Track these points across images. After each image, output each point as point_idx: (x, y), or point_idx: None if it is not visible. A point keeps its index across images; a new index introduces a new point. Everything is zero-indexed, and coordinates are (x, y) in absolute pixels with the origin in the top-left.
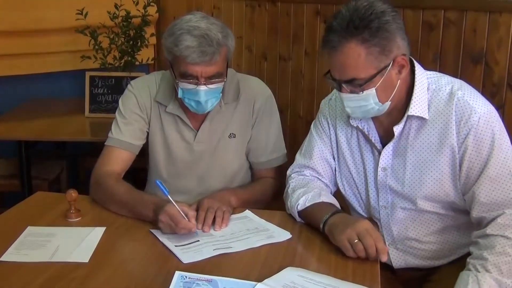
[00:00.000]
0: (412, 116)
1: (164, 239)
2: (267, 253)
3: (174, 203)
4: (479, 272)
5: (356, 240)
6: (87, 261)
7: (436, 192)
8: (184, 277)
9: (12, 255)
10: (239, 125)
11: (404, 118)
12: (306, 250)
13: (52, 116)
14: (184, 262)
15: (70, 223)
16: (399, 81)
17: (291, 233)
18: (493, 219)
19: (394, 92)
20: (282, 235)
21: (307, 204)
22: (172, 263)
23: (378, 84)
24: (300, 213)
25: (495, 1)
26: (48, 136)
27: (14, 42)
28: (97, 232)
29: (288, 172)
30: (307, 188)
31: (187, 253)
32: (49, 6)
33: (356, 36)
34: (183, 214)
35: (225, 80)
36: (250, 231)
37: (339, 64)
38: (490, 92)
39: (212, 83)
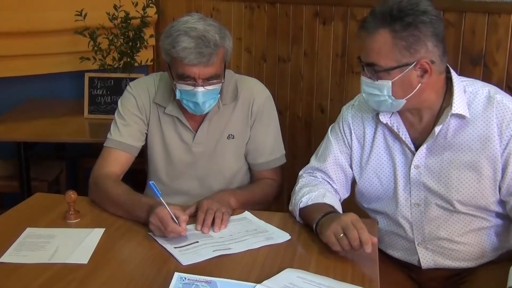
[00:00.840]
0: (453, 115)
1: (162, 240)
2: (266, 254)
3: (165, 206)
4: None
5: (341, 235)
6: (86, 262)
7: (474, 194)
8: (183, 278)
9: (11, 256)
10: (238, 126)
11: (447, 117)
12: (305, 251)
13: (51, 117)
14: (183, 263)
15: (69, 224)
16: (420, 84)
17: (290, 235)
18: None
19: (412, 93)
20: (281, 236)
21: (309, 203)
22: (171, 265)
23: (395, 78)
24: (301, 211)
25: (494, 2)
26: (47, 137)
27: (13, 43)
28: (96, 234)
29: (300, 172)
30: (314, 187)
31: (186, 254)
32: (48, 7)
33: (389, 25)
34: (174, 217)
35: (222, 81)
36: (249, 232)
37: (367, 46)
38: None
39: (209, 84)
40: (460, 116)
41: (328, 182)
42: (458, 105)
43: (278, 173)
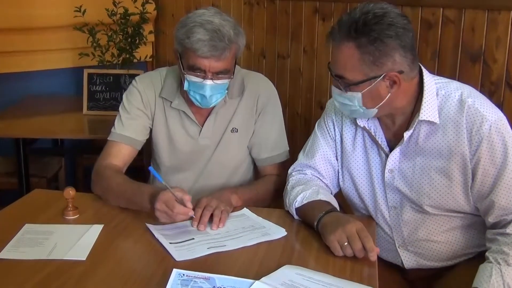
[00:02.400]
0: (422, 121)
1: (159, 235)
2: (265, 251)
3: (169, 188)
4: (501, 265)
5: (346, 243)
6: (84, 258)
7: (445, 199)
8: (182, 275)
9: (9, 252)
10: (242, 120)
11: (415, 124)
12: (304, 248)
13: (50, 113)
14: (177, 259)
15: (67, 220)
16: (389, 94)
17: (287, 231)
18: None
19: (382, 102)
20: (277, 232)
21: (305, 202)
22: (169, 261)
23: (364, 90)
24: (297, 210)
25: None
26: (46, 133)
27: (12, 39)
28: (95, 230)
29: (289, 170)
30: (306, 185)
31: (180, 251)
32: (47, 4)
33: (354, 39)
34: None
35: (231, 77)
36: (246, 229)
37: (334, 57)
38: (488, 91)
39: (218, 79)
40: (430, 122)
41: (319, 179)
42: (427, 111)
43: (283, 169)
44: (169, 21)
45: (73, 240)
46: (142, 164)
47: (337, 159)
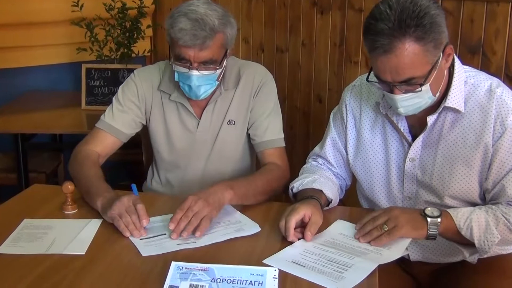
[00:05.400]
0: (448, 108)
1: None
2: (266, 240)
3: (141, 204)
4: (480, 209)
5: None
6: (83, 253)
7: (464, 189)
8: (181, 267)
9: (8, 247)
10: (239, 112)
11: (440, 109)
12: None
13: (49, 109)
14: (143, 254)
15: (66, 215)
16: (446, 70)
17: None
18: None
19: (443, 82)
20: (251, 228)
21: (300, 188)
22: (168, 254)
23: (432, 78)
24: (294, 196)
25: None
26: (44, 129)
27: (9, 34)
28: (94, 224)
29: (307, 158)
30: (311, 174)
31: (148, 246)
32: None
33: (410, 35)
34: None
35: (218, 67)
36: (220, 224)
37: (393, 66)
38: None
39: (205, 69)
40: (455, 111)
41: (329, 168)
42: (454, 98)
43: (280, 157)
44: (167, 15)
45: (72, 235)
46: (141, 160)
47: (345, 147)
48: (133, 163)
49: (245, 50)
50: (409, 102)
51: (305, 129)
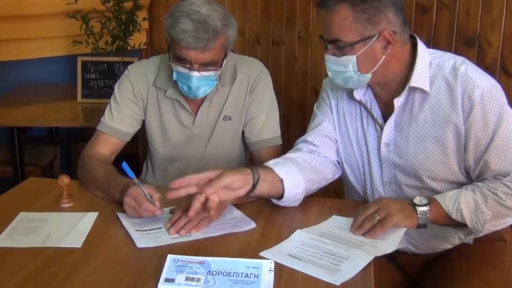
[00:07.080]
0: (414, 88)
1: (126, 222)
2: (261, 233)
3: (139, 185)
4: (466, 189)
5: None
6: (79, 246)
7: (441, 169)
8: (177, 260)
9: (4, 240)
10: (234, 107)
11: (405, 91)
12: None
13: (45, 102)
14: (138, 246)
15: (62, 208)
16: (384, 56)
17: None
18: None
19: (377, 66)
20: (247, 224)
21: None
22: (164, 247)
23: (359, 53)
24: None
25: None
26: (40, 122)
27: (4, 27)
28: (90, 217)
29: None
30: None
31: (144, 238)
32: None
33: (347, 0)
34: (148, 196)
35: (218, 69)
36: (216, 220)
37: (328, 23)
38: None
39: (205, 70)
40: (422, 91)
41: (313, 151)
42: (418, 78)
43: (277, 156)
44: (163, 8)
45: (68, 228)
46: (137, 152)
47: (335, 128)
48: (129, 157)
49: (241, 42)
50: (335, 67)
51: (301, 122)
